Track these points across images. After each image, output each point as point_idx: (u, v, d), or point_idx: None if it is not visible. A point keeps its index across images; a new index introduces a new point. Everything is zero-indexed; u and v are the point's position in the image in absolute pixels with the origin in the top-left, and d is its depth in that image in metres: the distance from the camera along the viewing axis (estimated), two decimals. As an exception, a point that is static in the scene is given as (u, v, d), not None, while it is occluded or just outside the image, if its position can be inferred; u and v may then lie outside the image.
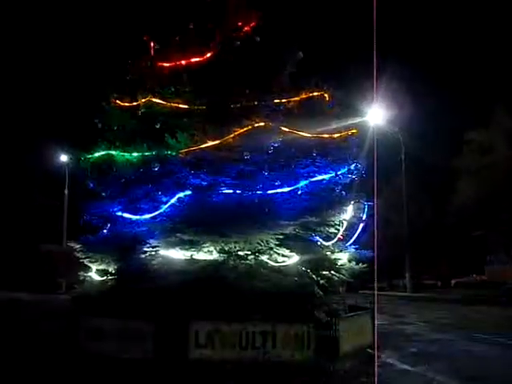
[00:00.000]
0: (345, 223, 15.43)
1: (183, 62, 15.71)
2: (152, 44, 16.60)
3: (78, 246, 15.56)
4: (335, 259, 14.91)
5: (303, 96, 15.44)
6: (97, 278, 15.69)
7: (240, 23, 16.44)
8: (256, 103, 14.88)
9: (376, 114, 20.83)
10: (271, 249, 13.78)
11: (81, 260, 15.69)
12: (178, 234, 13.48)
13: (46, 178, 47.42)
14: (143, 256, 14.27)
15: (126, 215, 15.17)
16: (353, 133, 15.37)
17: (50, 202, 50.36)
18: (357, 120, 16.25)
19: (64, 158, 45.62)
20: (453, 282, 53.23)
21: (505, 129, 43.63)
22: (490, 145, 45.27)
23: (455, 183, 48.80)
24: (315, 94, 15.59)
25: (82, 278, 16.21)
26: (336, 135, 15.12)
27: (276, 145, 14.21)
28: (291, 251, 13.92)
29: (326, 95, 15.75)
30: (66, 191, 46.77)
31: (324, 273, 14.73)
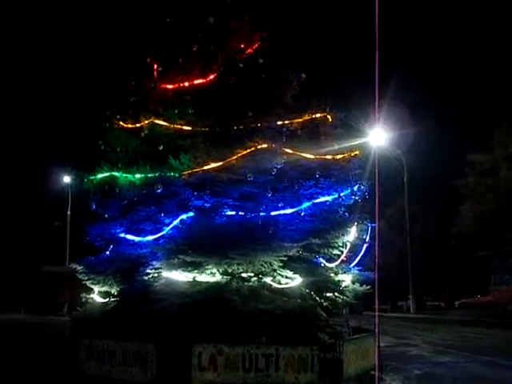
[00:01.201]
0: (348, 245, 15.37)
1: (186, 84, 15.75)
2: (155, 66, 16.67)
3: (80, 268, 15.51)
4: (339, 281, 14.86)
5: (306, 118, 15.48)
6: (99, 299, 15.61)
7: (242, 45, 16.51)
8: (259, 125, 14.92)
9: (378, 135, 20.86)
10: (274, 271, 13.72)
11: (83, 282, 15.62)
12: (181, 256, 13.43)
13: (49, 198, 47.48)
14: (146, 278, 14.23)
15: (129, 237, 15.12)
16: (356, 154, 15.40)
17: (53, 223, 50.39)
18: (359, 141, 16.30)
19: (67, 179, 45.70)
20: (457, 303, 52.95)
21: (507, 151, 43.65)
22: (493, 167, 45.26)
23: (458, 204, 48.71)
24: (318, 115, 15.64)
25: (83, 299, 16.13)
26: (339, 157, 15.15)
27: (279, 166, 14.22)
28: (294, 273, 13.86)
29: (328, 117, 15.80)
30: (69, 212, 46.79)
31: (328, 295, 14.70)
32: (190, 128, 14.97)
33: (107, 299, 15.35)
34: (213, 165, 14.07)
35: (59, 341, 16.25)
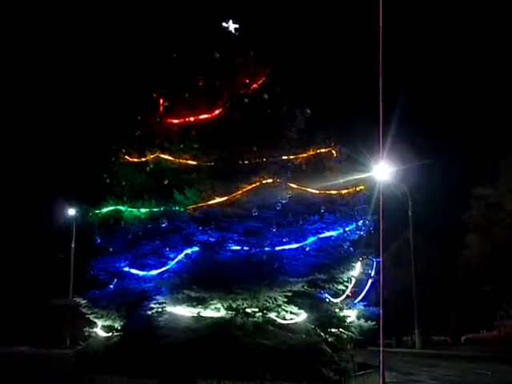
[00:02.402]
0: (353, 280, 15.31)
1: (192, 119, 15.88)
2: (161, 100, 16.83)
3: (84, 302, 15.45)
4: (344, 316, 14.75)
5: (311, 153, 15.58)
6: (102, 333, 15.53)
7: (248, 80, 16.69)
8: (264, 160, 15.01)
9: (383, 169, 20.88)
10: (279, 306, 13.65)
11: (86, 315, 15.55)
12: (185, 291, 13.38)
13: (54, 231, 47.50)
14: (150, 312, 14.15)
15: (133, 271, 15.09)
16: (361, 189, 15.43)
17: (57, 255, 50.34)
18: (364, 175, 16.33)
19: (71, 211, 45.77)
20: (463, 338, 52.43)
21: (512, 184, 43.63)
22: (498, 200, 45.19)
23: (464, 238, 48.52)
24: (323, 150, 15.75)
25: (87, 333, 16.05)
26: (344, 191, 15.19)
27: (284, 201, 14.23)
28: (299, 308, 13.79)
29: (333, 151, 15.88)
30: (73, 245, 46.77)
31: (332, 330, 14.59)
32: (195, 162, 15.09)
33: (111, 333, 15.27)
34: (218, 199, 14.13)
35: (62, 375, 16.11)
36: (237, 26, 17.31)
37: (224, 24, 17.31)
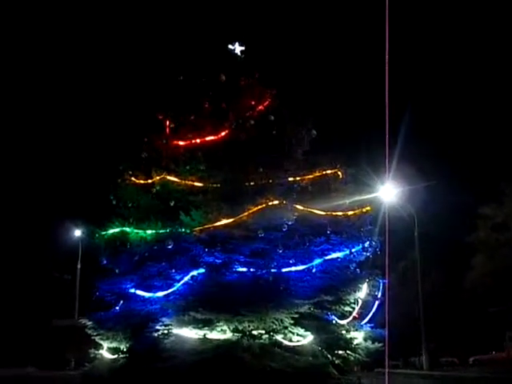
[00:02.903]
0: (360, 301, 15.25)
1: (198, 141, 15.93)
2: (167, 122, 16.90)
3: (90, 323, 15.40)
4: (351, 338, 14.68)
5: (317, 174, 15.61)
6: (108, 355, 15.45)
7: (253, 102, 16.75)
8: (270, 181, 15.04)
9: (389, 190, 20.92)
10: (286, 328, 13.62)
11: (92, 337, 15.50)
12: (191, 313, 13.36)
13: (60, 251, 47.51)
14: (155, 334, 14.12)
15: (139, 292, 15.06)
16: (367, 210, 15.42)
17: (63, 276, 50.28)
18: (370, 196, 16.32)
19: (78, 232, 45.80)
20: (471, 359, 51.91)
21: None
22: (505, 221, 45.02)
23: (470, 258, 48.29)
24: (329, 171, 15.77)
25: (92, 355, 15.99)
26: (350, 213, 15.17)
27: (290, 223, 14.24)
28: (306, 330, 13.75)
29: (339, 173, 15.91)
30: (79, 266, 46.74)
31: (339, 352, 14.50)
32: (201, 184, 15.11)
33: (116, 355, 15.20)
34: (224, 221, 14.14)
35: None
36: (243, 48, 17.42)
37: (230, 46, 17.43)
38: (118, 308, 15.73)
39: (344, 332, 14.66)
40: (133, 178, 16.01)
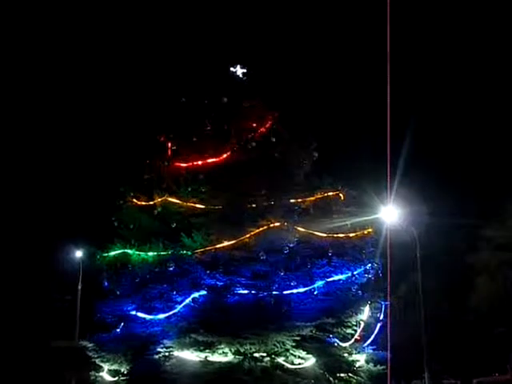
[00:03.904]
0: (362, 323, 15.17)
1: (200, 162, 15.96)
2: (169, 144, 16.93)
3: (91, 345, 15.31)
4: (353, 361, 14.62)
5: (318, 196, 15.62)
6: (108, 378, 15.33)
7: (255, 124, 16.78)
8: (272, 203, 15.04)
9: (390, 212, 20.87)
10: (287, 350, 13.57)
11: (92, 359, 15.40)
12: (193, 335, 13.33)
13: (60, 273, 47.35)
14: (157, 357, 14.04)
15: (140, 314, 15.00)
16: (368, 232, 15.40)
17: (63, 297, 50.04)
18: (372, 217, 16.31)
19: (79, 253, 45.64)
20: (475, 381, 51.44)
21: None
22: (508, 241, 44.84)
23: (474, 279, 48.06)
24: (330, 193, 15.78)
25: (92, 377, 15.86)
26: (352, 234, 15.17)
27: (291, 245, 14.24)
28: (308, 353, 13.71)
29: (340, 195, 15.92)
30: (80, 286, 46.51)
31: (341, 375, 14.42)
32: (203, 206, 15.12)
33: (117, 378, 15.07)
34: (225, 243, 14.15)
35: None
36: (244, 70, 17.50)
37: (232, 68, 17.52)
38: (118, 330, 15.64)
39: (346, 354, 14.59)
40: (134, 200, 16.03)
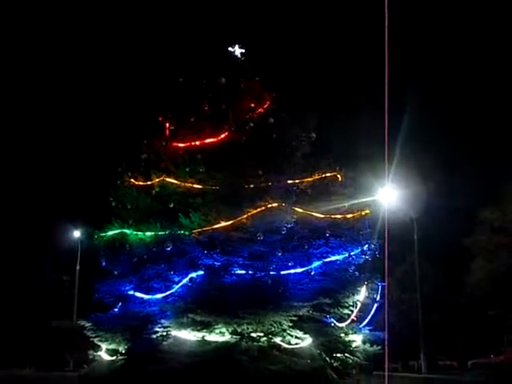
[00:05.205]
0: (358, 304, 15.25)
1: (197, 143, 15.92)
2: (167, 124, 16.88)
3: (89, 325, 15.36)
4: (349, 341, 14.68)
5: (316, 177, 15.61)
6: (106, 357, 15.42)
7: (253, 105, 16.74)
8: (269, 184, 15.03)
9: (388, 193, 20.87)
10: (284, 330, 13.64)
11: (91, 338, 15.48)
12: (190, 315, 13.38)
13: (58, 253, 47.43)
14: (154, 336, 14.12)
15: (138, 294, 15.06)
16: (366, 213, 15.42)
17: (62, 278, 50.22)
18: (369, 199, 16.31)
19: (77, 233, 45.73)
20: (469, 362, 51.82)
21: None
22: (504, 224, 44.90)
23: (469, 262, 48.23)
24: (328, 174, 15.77)
25: (91, 356, 15.96)
26: (349, 216, 15.18)
27: (289, 225, 14.25)
28: (304, 333, 13.77)
29: (338, 176, 15.90)
30: (78, 267, 46.64)
31: (338, 355, 14.53)
32: (200, 186, 15.11)
33: (115, 357, 15.15)
34: (223, 223, 14.15)
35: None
36: (243, 50, 17.43)
37: (230, 48, 17.43)
38: (116, 310, 15.72)
39: (343, 335, 14.66)
40: (132, 180, 16.01)
